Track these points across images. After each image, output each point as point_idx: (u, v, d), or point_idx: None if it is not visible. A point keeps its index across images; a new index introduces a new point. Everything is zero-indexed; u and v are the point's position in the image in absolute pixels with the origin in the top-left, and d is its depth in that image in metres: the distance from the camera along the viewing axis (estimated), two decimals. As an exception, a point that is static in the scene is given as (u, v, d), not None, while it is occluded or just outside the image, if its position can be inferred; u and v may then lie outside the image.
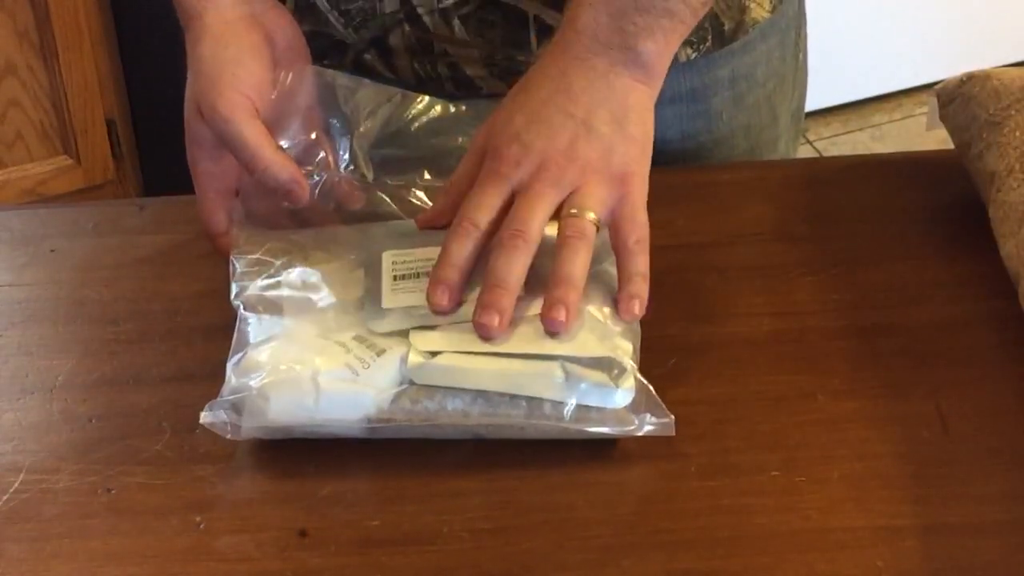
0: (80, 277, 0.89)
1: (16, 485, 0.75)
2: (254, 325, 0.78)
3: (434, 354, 0.74)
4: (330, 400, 0.73)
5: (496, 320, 0.74)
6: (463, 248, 0.77)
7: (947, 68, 1.18)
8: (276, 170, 0.83)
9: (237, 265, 0.82)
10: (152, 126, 2.19)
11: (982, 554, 0.69)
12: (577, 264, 0.76)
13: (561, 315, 0.74)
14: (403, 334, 0.76)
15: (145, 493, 0.74)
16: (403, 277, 0.79)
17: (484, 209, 0.78)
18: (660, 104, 0.83)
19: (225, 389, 0.75)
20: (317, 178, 0.86)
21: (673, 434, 0.74)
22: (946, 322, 0.83)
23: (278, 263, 0.81)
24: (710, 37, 0.97)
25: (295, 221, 0.85)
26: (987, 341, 0.82)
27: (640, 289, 0.78)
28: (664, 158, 0.99)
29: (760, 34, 1.01)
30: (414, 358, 0.74)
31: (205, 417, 0.74)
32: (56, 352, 0.83)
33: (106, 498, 0.74)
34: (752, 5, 0.98)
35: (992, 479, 0.73)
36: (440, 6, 0.93)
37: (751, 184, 0.95)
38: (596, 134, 0.79)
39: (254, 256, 0.82)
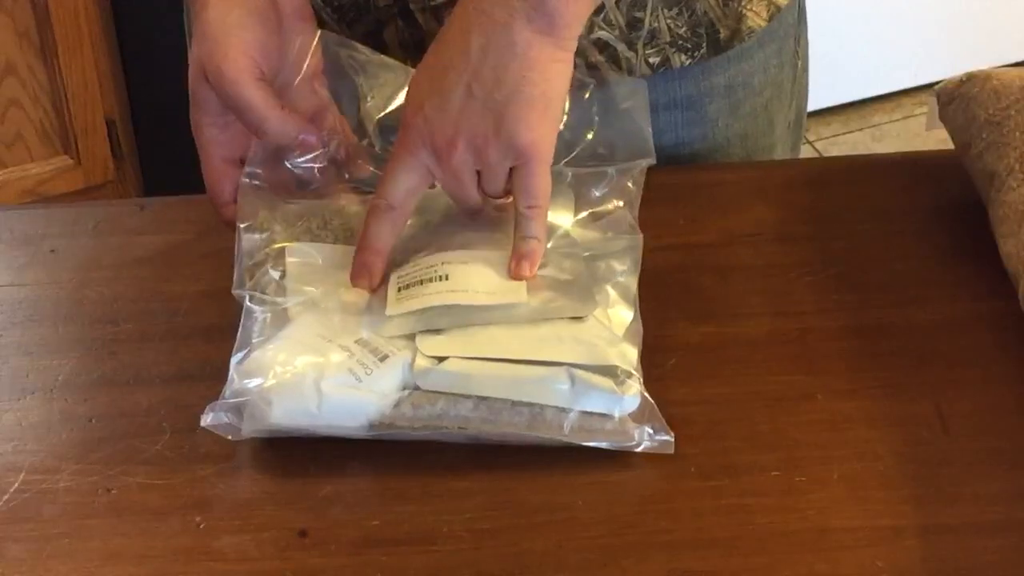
0: (80, 277, 0.89)
1: (16, 485, 0.75)
2: (259, 321, 0.78)
3: (440, 359, 0.74)
4: (332, 405, 0.73)
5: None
6: (380, 228, 0.79)
7: (947, 68, 1.18)
8: (285, 128, 0.82)
9: (243, 240, 0.81)
10: (152, 126, 2.19)
11: (982, 554, 0.69)
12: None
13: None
14: (407, 337, 0.76)
15: (145, 493, 0.74)
16: (407, 287, 0.78)
17: (397, 185, 0.79)
18: (655, 111, 0.83)
19: (227, 390, 0.75)
20: (324, 148, 0.84)
21: (672, 452, 0.74)
22: (946, 322, 0.83)
23: (284, 244, 0.81)
24: (705, 44, 0.97)
25: (302, 189, 0.85)
26: (987, 341, 0.82)
27: (530, 250, 0.79)
28: (659, 164, 0.99)
29: (757, 42, 1.01)
30: (421, 362, 0.74)
31: (206, 419, 0.74)
32: (56, 352, 0.83)
33: (106, 498, 0.74)
34: (749, 13, 0.98)
35: (992, 479, 0.73)
36: (432, 4, 0.93)
37: (751, 184, 0.95)
38: (490, 103, 0.77)
39: (261, 236, 0.82)
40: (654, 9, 0.93)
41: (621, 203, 0.84)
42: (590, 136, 0.87)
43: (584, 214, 0.84)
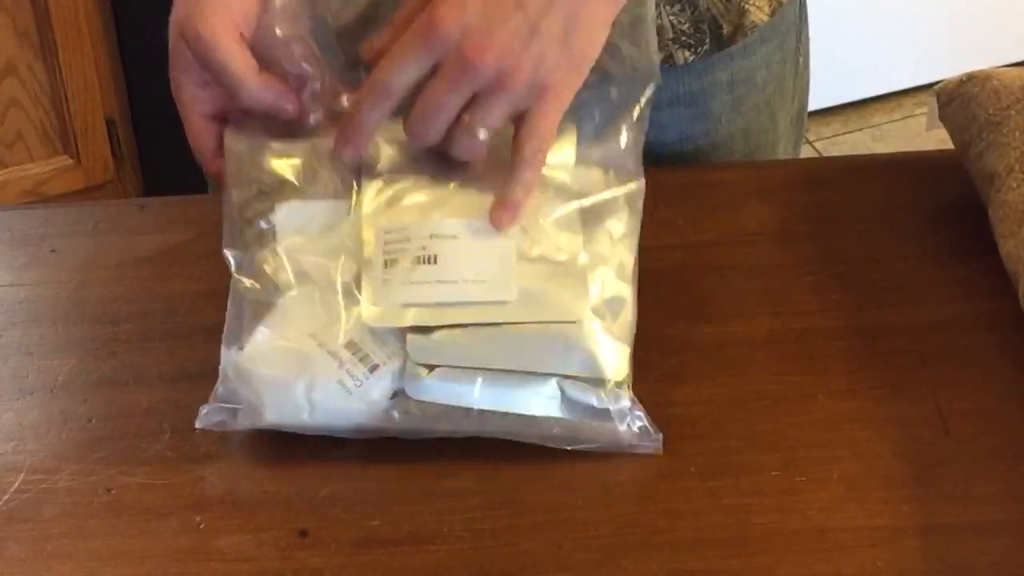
0: (80, 277, 0.89)
1: (16, 485, 0.75)
2: (249, 303, 0.77)
3: (430, 368, 0.74)
4: (324, 413, 0.74)
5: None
6: (373, 114, 0.77)
7: (947, 68, 1.18)
8: (262, 94, 0.80)
9: (232, 194, 0.79)
10: (152, 126, 2.19)
11: (982, 554, 0.69)
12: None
13: (468, 149, 0.76)
14: (398, 338, 0.75)
15: (145, 493, 0.74)
16: (394, 263, 0.76)
17: (402, 74, 0.76)
18: (658, 107, 0.82)
19: (220, 388, 0.75)
20: (304, 113, 0.82)
21: (661, 451, 0.74)
22: (946, 322, 0.83)
23: (271, 204, 0.79)
24: (708, 40, 0.97)
25: (289, 133, 0.82)
26: (987, 341, 0.82)
27: (517, 201, 0.76)
28: (662, 161, 0.98)
29: (760, 38, 1.01)
30: (411, 370, 0.74)
31: (201, 421, 0.75)
32: (56, 352, 0.83)
33: (106, 498, 0.74)
34: (751, 8, 0.98)
35: (992, 479, 0.73)
36: None
37: (751, 184, 0.95)
38: (537, 38, 0.75)
39: (250, 190, 0.79)
40: (657, 5, 0.93)
41: (624, 135, 0.82)
42: None
43: (584, 145, 0.81)
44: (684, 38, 0.96)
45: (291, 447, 0.75)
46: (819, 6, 1.09)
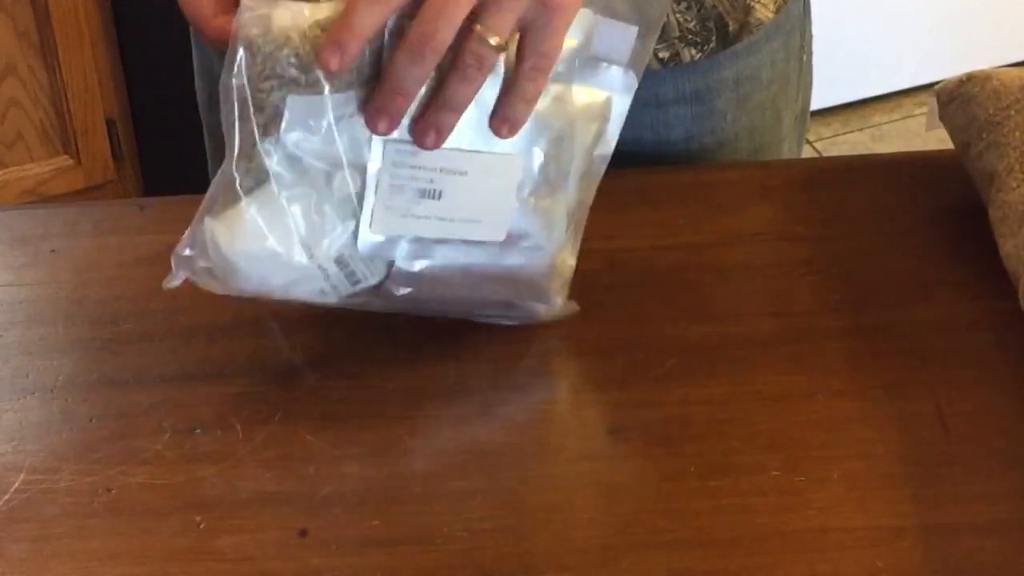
0: (80, 277, 0.89)
1: (16, 485, 0.75)
2: (243, 181, 0.75)
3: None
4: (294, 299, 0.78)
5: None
6: (368, 17, 0.71)
7: (947, 68, 1.18)
8: (217, 42, 0.75)
9: (244, 65, 0.74)
10: (152, 126, 2.19)
11: (982, 554, 0.69)
12: (466, 93, 0.72)
13: (430, 140, 0.73)
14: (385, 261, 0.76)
15: (145, 493, 0.74)
16: (399, 189, 0.75)
17: None
18: (664, 105, 0.82)
19: (190, 246, 0.76)
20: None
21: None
22: (946, 322, 0.83)
23: (284, 92, 0.74)
24: (714, 38, 0.97)
25: None
26: (987, 341, 0.82)
27: (518, 116, 0.74)
28: (668, 159, 0.99)
29: (765, 35, 1.01)
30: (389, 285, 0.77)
31: (173, 280, 0.77)
32: (56, 352, 0.83)
33: (106, 498, 0.74)
34: (757, 6, 0.98)
35: (992, 479, 0.73)
36: None
37: (751, 184, 0.95)
38: None
39: (258, 71, 0.74)
40: None
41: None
42: None
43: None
44: (690, 36, 0.96)
45: (291, 447, 0.75)
46: (819, 6, 1.09)
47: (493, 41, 0.72)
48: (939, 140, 0.96)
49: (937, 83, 0.95)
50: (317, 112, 0.74)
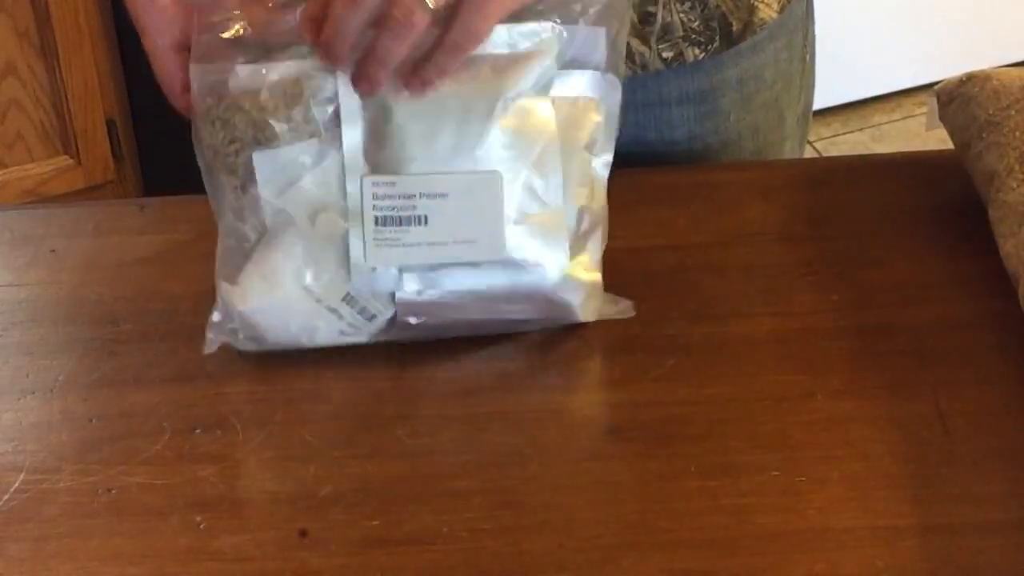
0: (80, 277, 0.89)
1: (16, 485, 0.75)
2: (233, 244, 0.78)
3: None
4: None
5: (368, 87, 0.73)
6: (353, 20, 0.71)
7: (947, 68, 1.18)
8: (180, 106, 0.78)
9: (203, 134, 0.77)
10: (152, 126, 2.19)
11: (982, 554, 0.69)
12: (392, 49, 0.72)
13: (364, 87, 0.73)
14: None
15: (145, 493, 0.74)
16: (385, 221, 0.76)
17: None
18: (668, 104, 0.82)
19: (217, 315, 0.79)
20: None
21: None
22: (946, 322, 0.83)
23: (247, 152, 0.76)
24: (718, 38, 0.97)
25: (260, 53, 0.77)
26: (987, 341, 0.82)
27: (428, 75, 0.73)
28: (672, 159, 0.99)
29: (768, 35, 1.01)
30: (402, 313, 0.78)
31: (208, 348, 0.79)
32: (56, 352, 0.83)
33: (106, 498, 0.74)
34: (760, 5, 0.98)
35: (992, 479, 0.73)
36: None
37: (751, 184, 0.95)
38: None
39: (224, 129, 0.76)
40: (667, 3, 0.93)
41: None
42: None
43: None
44: (694, 36, 0.96)
45: (291, 446, 0.76)
46: (819, 6, 1.09)
47: (428, 3, 0.71)
48: (939, 140, 0.96)
49: (937, 83, 0.95)
50: (285, 163, 0.75)
